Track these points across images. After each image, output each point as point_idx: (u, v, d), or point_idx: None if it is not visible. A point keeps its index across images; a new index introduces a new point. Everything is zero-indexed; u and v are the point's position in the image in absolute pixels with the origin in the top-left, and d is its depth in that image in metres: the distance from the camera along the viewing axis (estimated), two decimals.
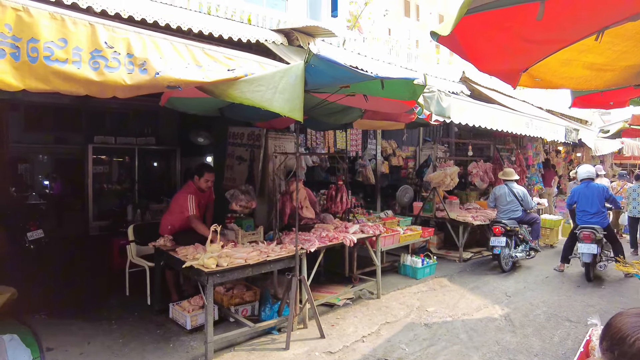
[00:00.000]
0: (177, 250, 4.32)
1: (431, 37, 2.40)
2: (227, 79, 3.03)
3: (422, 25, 23.75)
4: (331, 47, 6.37)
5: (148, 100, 4.22)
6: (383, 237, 5.75)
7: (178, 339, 4.23)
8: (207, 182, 5.04)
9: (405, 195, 8.41)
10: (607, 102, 4.81)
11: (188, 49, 2.92)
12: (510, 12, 2.31)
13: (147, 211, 8.45)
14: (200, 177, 5.00)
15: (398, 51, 17.02)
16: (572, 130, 9.28)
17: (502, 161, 9.16)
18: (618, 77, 3.54)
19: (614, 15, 2.46)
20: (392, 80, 3.78)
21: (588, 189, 6.64)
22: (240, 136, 6.51)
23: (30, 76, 2.30)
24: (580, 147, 12.86)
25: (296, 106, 2.98)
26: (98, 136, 9.29)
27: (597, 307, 5.26)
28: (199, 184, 5.01)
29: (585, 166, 7.17)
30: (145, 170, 10.35)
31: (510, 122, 7.09)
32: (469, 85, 8.44)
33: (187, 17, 4.54)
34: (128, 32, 2.65)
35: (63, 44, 2.37)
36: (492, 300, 5.51)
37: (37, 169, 10.67)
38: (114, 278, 5.88)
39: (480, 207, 8.32)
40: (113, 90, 2.62)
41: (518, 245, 7.07)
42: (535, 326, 4.69)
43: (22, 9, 2.25)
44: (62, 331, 4.29)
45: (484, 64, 3.06)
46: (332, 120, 5.20)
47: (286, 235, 4.87)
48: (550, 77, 3.46)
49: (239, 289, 4.83)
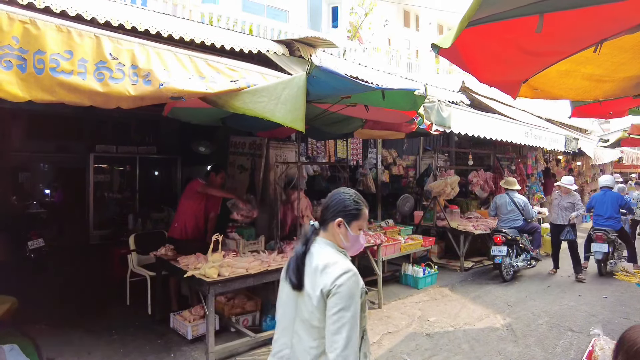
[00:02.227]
0: (178, 260, 4.32)
1: (432, 49, 2.43)
2: (230, 90, 3.07)
3: (421, 35, 23.99)
4: (332, 57, 6.43)
5: (149, 109, 4.23)
6: (384, 247, 5.75)
7: (179, 349, 4.21)
8: (222, 179, 5.31)
9: (406, 204, 8.41)
10: (607, 112, 4.84)
11: (191, 60, 2.96)
12: (510, 25, 2.34)
13: (148, 220, 8.44)
14: (217, 174, 5.23)
15: (398, 61, 17.16)
16: (571, 139, 9.31)
17: (503, 170, 9.18)
18: (617, 88, 3.58)
19: (611, 28, 2.50)
20: (393, 91, 3.82)
21: (605, 196, 7.45)
22: (241, 145, 6.54)
23: (36, 87, 2.33)
24: (581, 156, 12.90)
25: (298, 117, 3.00)
26: (99, 145, 9.32)
27: (599, 317, 5.24)
28: (214, 179, 5.20)
29: (605, 176, 8.17)
30: (146, 179, 10.35)
31: (510, 131, 7.14)
32: (469, 95, 8.49)
33: (190, 28, 4.59)
34: (132, 44, 2.69)
35: (69, 56, 2.41)
36: (494, 310, 5.49)
37: (39, 178, 10.68)
38: (114, 287, 5.87)
39: (481, 216, 8.32)
40: (117, 101, 2.65)
41: (519, 254, 7.06)
42: (538, 336, 4.68)
43: (29, 22, 2.28)
44: (62, 341, 4.27)
45: (484, 75, 3.09)
46: (333, 129, 5.24)
47: (287, 245, 4.87)
48: (549, 88, 3.49)
49: (240, 298, 4.82)
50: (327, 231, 1.80)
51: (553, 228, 7.48)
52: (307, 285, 1.68)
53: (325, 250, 1.74)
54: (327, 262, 1.67)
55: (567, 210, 7.18)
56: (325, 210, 1.83)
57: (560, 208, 7.27)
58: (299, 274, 1.72)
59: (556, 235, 7.34)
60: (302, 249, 1.77)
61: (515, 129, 7.35)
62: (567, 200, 7.21)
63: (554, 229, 7.43)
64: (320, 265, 1.67)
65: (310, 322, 1.65)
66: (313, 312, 1.64)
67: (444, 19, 24.81)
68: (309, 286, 1.67)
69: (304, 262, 1.74)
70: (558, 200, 7.37)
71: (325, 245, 1.77)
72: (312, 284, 1.67)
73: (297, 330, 1.70)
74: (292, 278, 1.73)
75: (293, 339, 1.72)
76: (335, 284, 1.59)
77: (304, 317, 1.68)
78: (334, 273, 1.62)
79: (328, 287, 1.60)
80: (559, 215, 7.29)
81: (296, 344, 1.70)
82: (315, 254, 1.74)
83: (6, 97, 2.26)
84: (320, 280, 1.64)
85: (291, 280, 1.73)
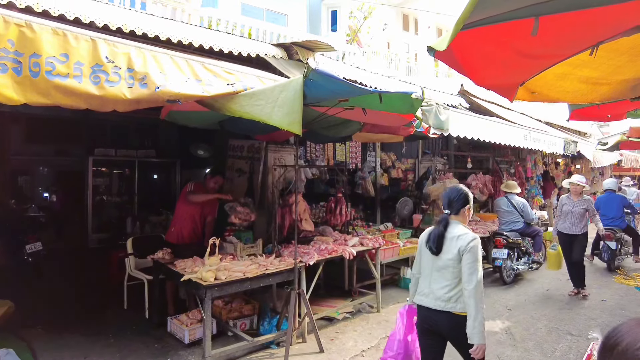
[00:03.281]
0: (175, 264, 4.31)
1: (428, 52, 2.43)
2: (226, 93, 3.06)
3: (421, 38, 24.04)
4: (330, 61, 6.43)
5: (148, 113, 4.24)
6: (383, 250, 5.73)
7: (176, 353, 4.19)
8: (216, 183, 5.25)
9: (405, 208, 8.40)
10: (605, 114, 4.84)
11: (188, 63, 2.96)
12: (505, 28, 2.34)
13: (146, 224, 8.43)
14: (213, 177, 5.25)
15: (397, 64, 17.19)
16: (570, 142, 9.31)
17: (502, 173, 9.17)
18: (614, 91, 3.57)
19: (607, 30, 2.50)
20: (390, 94, 3.82)
21: (609, 198, 8.14)
22: (240, 149, 6.54)
23: (31, 90, 2.33)
24: (580, 159, 12.90)
25: (295, 120, 3.00)
26: (98, 148, 9.31)
27: (598, 321, 5.23)
28: (207, 182, 5.22)
29: (609, 180, 8.72)
30: (145, 183, 10.33)
31: (509, 134, 7.12)
32: (468, 98, 8.49)
33: (188, 32, 4.59)
34: (129, 47, 2.69)
35: (65, 59, 2.41)
36: (493, 314, 5.47)
37: (37, 181, 10.65)
38: (112, 291, 5.85)
39: (480, 219, 8.31)
40: (113, 104, 2.65)
41: (520, 257, 7.04)
42: (537, 340, 4.66)
43: (25, 25, 2.28)
44: (59, 345, 4.25)
45: (481, 78, 3.09)
46: (332, 133, 5.23)
47: (285, 248, 4.86)
48: (546, 91, 3.48)
49: (238, 302, 4.81)
50: (458, 215, 2.82)
51: (564, 238, 6.38)
52: (445, 248, 2.72)
53: (458, 226, 2.77)
54: (461, 233, 2.71)
55: (581, 217, 6.24)
56: (453, 202, 2.82)
57: (573, 215, 6.26)
58: (439, 244, 2.73)
59: (569, 247, 6.30)
60: (441, 227, 2.76)
61: (514, 132, 7.33)
62: (581, 206, 6.22)
63: (566, 239, 6.35)
64: (456, 235, 2.70)
65: (444, 271, 2.71)
66: (448, 265, 2.69)
67: (443, 22, 24.86)
68: (447, 249, 2.71)
69: (444, 236, 2.73)
70: (570, 205, 6.32)
71: (457, 224, 2.78)
72: (449, 247, 2.70)
73: (434, 277, 2.77)
74: (433, 247, 2.75)
75: (431, 282, 2.78)
76: (469, 246, 2.63)
77: (439, 267, 2.74)
78: (467, 239, 2.66)
79: (463, 248, 2.64)
80: (572, 223, 6.26)
81: (433, 284, 2.77)
82: (451, 229, 2.75)
83: (1, 100, 2.26)
84: (457, 244, 2.67)
85: (432, 248, 2.77)
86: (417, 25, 25.31)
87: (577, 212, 6.24)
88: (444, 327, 2.75)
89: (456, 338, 2.74)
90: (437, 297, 2.73)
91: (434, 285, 2.75)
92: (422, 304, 2.84)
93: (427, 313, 2.81)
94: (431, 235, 2.80)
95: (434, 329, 2.81)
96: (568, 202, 6.39)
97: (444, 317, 2.71)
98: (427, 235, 2.85)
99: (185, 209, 5.14)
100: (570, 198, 6.40)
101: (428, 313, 2.80)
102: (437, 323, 2.77)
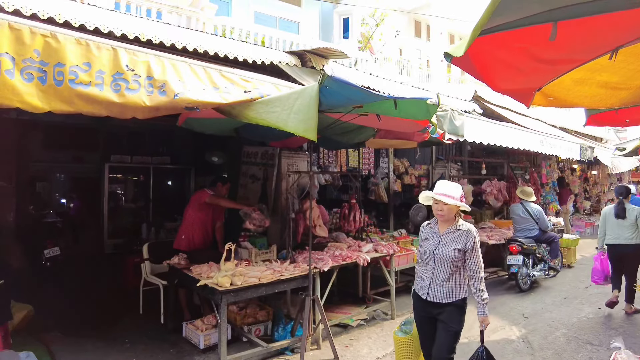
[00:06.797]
0: (191, 269, 4.34)
1: (444, 58, 2.43)
2: (243, 100, 3.10)
3: (433, 45, 24.01)
4: (343, 67, 6.47)
5: (163, 120, 4.29)
6: (397, 257, 5.69)
7: (191, 358, 4.21)
8: (227, 190, 5.47)
9: (419, 214, 8.33)
10: (623, 119, 4.76)
11: (205, 71, 3.01)
12: (523, 33, 2.34)
13: (161, 229, 8.52)
14: (224, 185, 5.40)
15: (409, 71, 17.18)
16: (587, 148, 9.18)
17: (517, 179, 9.06)
18: (633, 96, 3.52)
19: (627, 34, 2.47)
20: (405, 100, 3.81)
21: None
22: (254, 155, 6.58)
23: (55, 99, 2.39)
24: (596, 165, 12.69)
25: (310, 126, 3.02)
26: (114, 155, 9.47)
27: (620, 330, 5.10)
28: (220, 189, 5.34)
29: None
30: (160, 189, 10.47)
31: (525, 139, 7.05)
32: (481, 104, 8.44)
33: (203, 40, 4.67)
34: (148, 55, 2.74)
35: (87, 68, 2.47)
36: (509, 322, 5.38)
37: (55, 188, 10.87)
38: (128, 296, 5.90)
39: (495, 226, 8.21)
40: (133, 111, 2.70)
41: (536, 264, 6.93)
42: (555, 349, 4.56)
43: (50, 35, 2.35)
44: (76, 349, 4.31)
45: (497, 83, 3.08)
46: (345, 139, 5.24)
47: (299, 254, 4.86)
48: (564, 96, 3.46)
49: (252, 308, 4.81)
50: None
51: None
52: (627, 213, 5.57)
53: (631, 205, 5.63)
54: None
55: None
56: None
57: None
58: (623, 212, 5.57)
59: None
60: (621, 203, 5.68)
61: (531, 138, 7.26)
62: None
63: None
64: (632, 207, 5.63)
65: (628, 223, 5.59)
66: (632, 224, 5.55)
67: (455, 28, 24.82)
68: (628, 214, 5.56)
69: (624, 207, 5.61)
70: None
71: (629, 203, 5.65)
72: (630, 213, 5.56)
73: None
74: (620, 214, 5.58)
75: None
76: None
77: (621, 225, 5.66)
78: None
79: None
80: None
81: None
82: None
83: (26, 108, 2.33)
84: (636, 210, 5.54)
85: (619, 214, 5.59)
86: (429, 32, 25.29)
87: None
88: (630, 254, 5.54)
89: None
90: (625, 238, 5.49)
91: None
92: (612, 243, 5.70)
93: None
94: (615, 208, 5.67)
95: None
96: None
97: (632, 248, 5.43)
98: (614, 209, 5.71)
99: (196, 215, 5.20)
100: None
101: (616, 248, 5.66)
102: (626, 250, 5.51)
